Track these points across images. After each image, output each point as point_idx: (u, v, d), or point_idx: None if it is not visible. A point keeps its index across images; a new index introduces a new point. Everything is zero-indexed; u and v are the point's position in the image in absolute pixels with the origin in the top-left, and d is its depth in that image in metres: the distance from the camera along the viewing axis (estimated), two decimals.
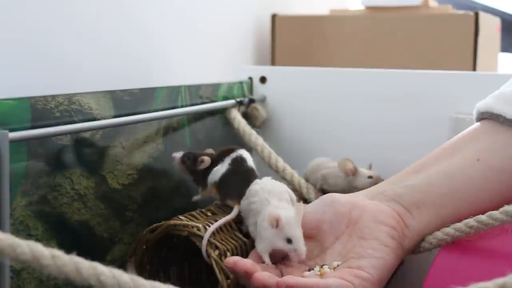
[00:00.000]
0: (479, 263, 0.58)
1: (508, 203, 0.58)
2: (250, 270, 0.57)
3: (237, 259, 0.59)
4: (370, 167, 0.75)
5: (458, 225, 0.60)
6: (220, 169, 0.71)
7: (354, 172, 0.73)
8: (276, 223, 0.60)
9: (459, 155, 0.64)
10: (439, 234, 0.61)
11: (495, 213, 0.58)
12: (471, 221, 0.59)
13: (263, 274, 0.57)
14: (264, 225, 0.61)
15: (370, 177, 0.73)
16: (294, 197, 0.68)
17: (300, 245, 0.60)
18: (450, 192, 0.62)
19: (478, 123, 0.66)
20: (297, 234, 0.60)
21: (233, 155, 0.71)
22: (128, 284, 0.40)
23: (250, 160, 0.72)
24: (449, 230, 0.60)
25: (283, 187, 0.67)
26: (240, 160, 0.71)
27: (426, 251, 0.62)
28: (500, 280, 0.40)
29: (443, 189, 0.62)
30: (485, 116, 0.65)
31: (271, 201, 0.64)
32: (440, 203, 0.62)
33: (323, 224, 0.63)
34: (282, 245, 0.60)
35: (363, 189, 0.69)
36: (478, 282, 0.41)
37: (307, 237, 0.63)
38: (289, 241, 0.60)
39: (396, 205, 0.62)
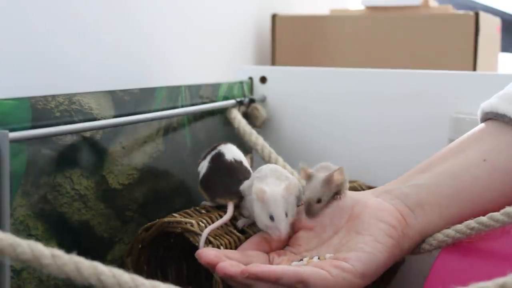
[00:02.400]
0: (480, 264, 0.58)
1: (510, 204, 0.58)
2: (213, 261, 0.56)
3: (201, 251, 0.58)
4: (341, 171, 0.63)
5: (459, 226, 0.60)
6: (202, 170, 0.70)
7: (309, 177, 0.64)
8: (262, 198, 0.60)
9: (464, 155, 0.64)
10: (439, 236, 0.61)
11: (496, 214, 0.58)
12: (471, 222, 0.59)
13: (226, 264, 0.56)
14: (254, 199, 0.62)
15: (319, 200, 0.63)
16: (301, 188, 0.66)
17: (281, 223, 0.60)
18: (455, 192, 0.62)
19: (483, 124, 0.66)
20: (279, 211, 0.60)
21: (213, 152, 0.70)
22: (129, 283, 0.40)
23: (230, 154, 0.70)
24: (450, 231, 0.60)
25: (291, 176, 0.66)
26: (217, 156, 0.69)
27: (426, 252, 0.62)
28: (500, 280, 0.40)
29: (448, 189, 0.62)
30: (490, 116, 0.65)
31: (268, 178, 0.64)
32: (445, 203, 0.62)
33: (324, 218, 0.63)
34: (266, 221, 0.61)
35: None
36: (478, 282, 0.41)
37: (308, 229, 0.63)
38: (271, 218, 0.60)
39: (400, 204, 0.62)
